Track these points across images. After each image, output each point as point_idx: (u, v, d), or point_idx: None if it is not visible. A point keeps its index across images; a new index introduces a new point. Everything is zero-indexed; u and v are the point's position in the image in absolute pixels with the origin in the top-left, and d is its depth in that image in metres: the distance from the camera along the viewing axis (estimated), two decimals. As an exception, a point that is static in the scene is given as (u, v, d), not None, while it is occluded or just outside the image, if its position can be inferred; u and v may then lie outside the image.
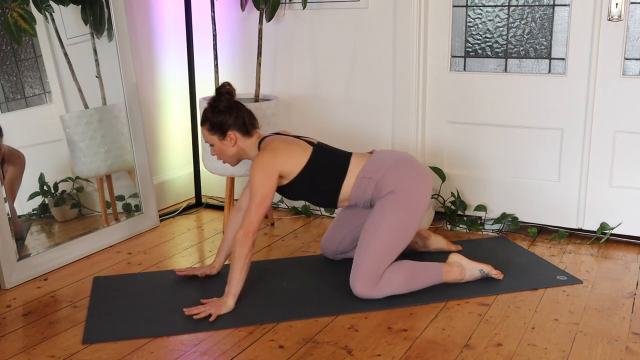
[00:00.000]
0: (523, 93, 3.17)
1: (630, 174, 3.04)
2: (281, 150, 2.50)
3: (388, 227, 2.45)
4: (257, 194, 2.42)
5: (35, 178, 2.88)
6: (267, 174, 2.44)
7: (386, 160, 2.54)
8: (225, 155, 2.62)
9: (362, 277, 2.43)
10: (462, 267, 2.57)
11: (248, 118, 2.60)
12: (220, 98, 2.56)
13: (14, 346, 2.18)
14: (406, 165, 2.54)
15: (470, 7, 3.21)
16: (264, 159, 2.45)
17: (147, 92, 3.59)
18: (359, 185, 2.52)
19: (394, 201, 2.46)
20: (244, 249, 2.38)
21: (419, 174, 2.54)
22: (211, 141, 2.59)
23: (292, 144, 2.55)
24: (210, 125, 2.57)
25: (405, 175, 2.50)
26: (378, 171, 2.51)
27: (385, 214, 2.46)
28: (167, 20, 3.69)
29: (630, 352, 2.09)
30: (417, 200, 2.50)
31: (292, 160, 2.51)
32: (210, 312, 2.33)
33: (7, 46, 2.79)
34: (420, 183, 2.52)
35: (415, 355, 2.09)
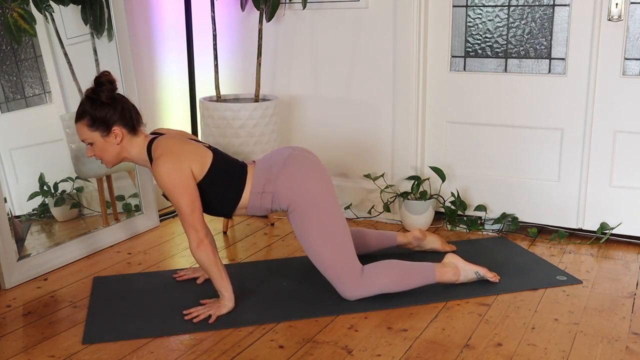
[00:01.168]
0: (523, 93, 3.17)
1: (630, 174, 3.04)
2: (182, 149, 2.29)
3: (317, 242, 2.37)
4: (184, 202, 2.24)
5: (35, 178, 2.88)
6: (181, 176, 2.24)
7: (271, 168, 2.39)
8: (107, 154, 2.34)
9: (340, 285, 2.41)
10: (457, 268, 2.55)
11: (134, 113, 2.35)
12: (101, 88, 2.27)
13: (14, 346, 2.18)
14: (292, 167, 2.38)
15: (470, 7, 3.21)
16: (172, 163, 2.23)
17: (147, 92, 3.59)
18: (255, 200, 2.39)
19: (300, 217, 2.37)
20: (208, 256, 2.29)
21: (307, 172, 2.39)
22: (91, 139, 2.30)
23: (189, 144, 2.35)
24: (91, 119, 2.27)
25: (295, 182, 2.36)
26: (269, 183, 2.38)
27: (305, 232, 2.37)
28: (167, 20, 3.69)
29: (630, 352, 2.09)
30: (318, 200, 2.36)
31: (197, 161, 2.31)
32: (210, 312, 2.33)
33: (7, 46, 2.79)
34: (312, 180, 2.37)
35: (415, 355, 2.09)
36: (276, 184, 2.38)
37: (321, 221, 2.37)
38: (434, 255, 2.88)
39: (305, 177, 2.38)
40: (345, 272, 2.40)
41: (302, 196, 2.36)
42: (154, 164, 2.27)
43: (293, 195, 2.36)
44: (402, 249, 2.94)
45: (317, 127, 3.57)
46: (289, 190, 2.37)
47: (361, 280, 2.41)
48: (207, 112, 3.23)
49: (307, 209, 2.37)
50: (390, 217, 3.45)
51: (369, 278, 2.41)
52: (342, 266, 2.39)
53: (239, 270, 2.78)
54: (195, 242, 2.28)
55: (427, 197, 3.28)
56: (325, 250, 2.38)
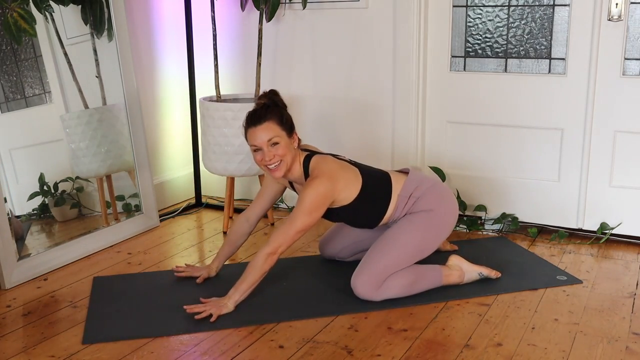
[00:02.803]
0: (523, 93, 3.17)
1: (630, 174, 3.04)
2: (340, 177, 2.38)
3: (411, 241, 2.46)
4: (301, 221, 2.30)
5: (35, 178, 2.88)
6: (322, 203, 2.32)
7: (426, 181, 2.56)
8: (289, 155, 2.36)
9: (366, 280, 2.42)
10: (462, 270, 2.58)
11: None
12: (276, 98, 2.37)
13: (14, 346, 2.18)
14: (443, 189, 2.59)
15: (470, 7, 3.21)
16: (324, 187, 2.31)
17: (147, 92, 3.59)
18: (400, 203, 2.51)
19: (428, 219, 2.49)
20: (266, 266, 2.35)
21: (453, 202, 2.59)
22: (279, 137, 2.31)
23: (346, 170, 2.44)
24: (280, 117, 2.31)
25: (443, 199, 2.54)
26: (419, 189, 2.52)
27: (414, 227, 2.47)
28: (167, 20, 3.69)
29: (630, 352, 2.09)
30: (445, 225, 2.54)
31: (347, 189, 2.42)
32: (211, 312, 2.33)
33: (7, 46, 2.79)
34: (454, 210, 2.58)
35: (415, 355, 2.09)
36: (425, 192, 2.51)
37: (428, 239, 2.50)
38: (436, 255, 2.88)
39: (452, 204, 2.57)
40: (380, 275, 2.42)
41: (442, 213, 2.51)
42: (314, 178, 2.33)
43: (437, 204, 2.50)
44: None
45: (317, 127, 3.57)
46: (436, 202, 2.50)
47: (378, 288, 2.43)
48: (207, 112, 3.23)
49: (435, 222, 2.50)
50: (390, 217, 3.45)
51: (385, 285, 2.44)
52: (386, 272, 2.43)
53: (239, 270, 2.77)
54: (272, 249, 2.33)
55: (427, 197, 3.28)
56: (400, 254, 2.44)
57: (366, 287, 2.42)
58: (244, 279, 2.37)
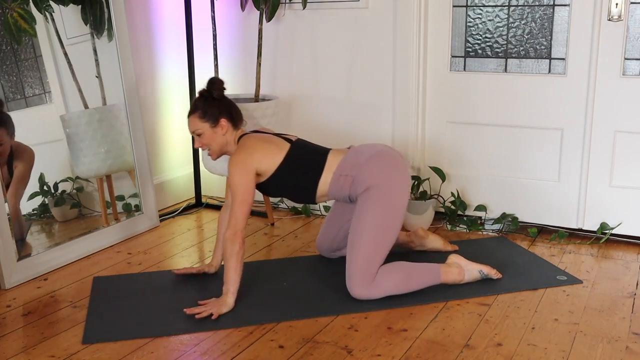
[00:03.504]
0: (523, 93, 3.17)
1: (630, 174, 3.04)
2: (257, 148, 2.50)
3: (371, 227, 2.44)
4: (238, 192, 2.42)
5: (35, 178, 2.88)
6: (243, 172, 2.44)
7: (362, 155, 2.52)
8: (214, 144, 2.58)
9: (356, 279, 2.42)
10: (461, 268, 2.57)
11: (237, 111, 2.62)
12: (213, 87, 2.57)
13: (14, 346, 2.18)
14: (382, 159, 2.51)
15: (470, 7, 3.21)
16: (240, 158, 2.46)
17: (147, 92, 3.59)
18: (336, 182, 2.52)
19: (372, 199, 2.45)
20: (235, 246, 2.38)
21: (395, 168, 2.51)
22: (201, 129, 2.55)
23: (268, 142, 2.54)
24: (202, 112, 2.55)
25: (381, 171, 2.48)
26: (354, 167, 2.49)
27: (365, 213, 2.46)
28: (167, 20, 3.69)
29: (630, 352, 2.09)
30: (395, 194, 2.47)
31: (267, 159, 2.51)
32: (211, 311, 2.33)
33: (7, 46, 2.79)
34: (397, 177, 2.49)
35: (415, 355, 2.09)
36: (361, 169, 2.48)
37: (385, 214, 2.45)
38: (435, 255, 2.88)
39: (394, 171, 2.50)
40: (367, 270, 2.42)
41: (384, 184, 2.46)
42: (231, 157, 2.49)
43: (376, 180, 2.46)
44: (404, 248, 2.94)
45: (317, 127, 3.57)
46: (373, 175, 2.47)
47: (373, 283, 2.43)
48: (207, 112, 3.23)
49: (382, 196, 2.45)
50: (390, 217, 3.45)
51: (378, 281, 2.44)
52: (369, 264, 2.42)
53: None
54: (232, 229, 2.40)
55: (427, 197, 3.28)
56: (370, 241, 2.43)
57: (359, 287, 2.42)
58: (227, 269, 2.39)
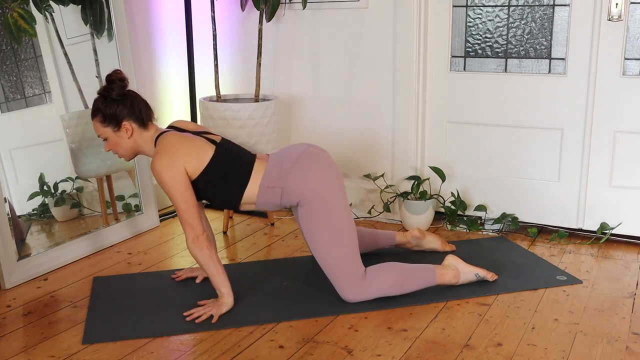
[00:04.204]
0: (523, 93, 3.17)
1: (630, 174, 3.04)
2: (178, 147, 2.34)
3: (324, 240, 2.37)
4: (177, 199, 2.31)
5: (35, 178, 2.88)
6: (173, 174, 2.30)
7: (284, 163, 2.41)
8: (120, 149, 2.45)
9: (341, 286, 2.40)
10: (458, 270, 2.55)
11: (144, 108, 2.44)
12: (112, 86, 2.38)
13: (14, 346, 2.18)
14: (305, 163, 2.40)
15: (470, 7, 3.21)
16: (164, 161, 2.31)
17: (147, 92, 3.59)
18: (264, 194, 2.40)
19: (310, 211, 2.37)
20: (204, 251, 2.32)
21: (321, 169, 2.40)
22: (104, 134, 2.42)
23: (189, 140, 2.39)
24: (102, 116, 2.39)
25: (306, 179, 2.37)
26: (280, 179, 2.39)
27: (313, 229, 2.38)
28: (167, 20, 3.69)
29: (630, 352, 2.09)
30: (330, 197, 2.37)
31: (193, 157, 2.35)
32: (211, 312, 2.33)
33: (7, 46, 2.79)
34: (325, 179, 2.39)
35: (415, 355, 2.09)
36: (287, 180, 2.38)
37: (329, 219, 2.37)
38: (433, 255, 2.88)
39: (317, 174, 2.39)
40: (348, 274, 2.39)
41: (313, 192, 2.37)
42: (151, 164, 2.35)
43: (303, 191, 2.37)
44: (401, 249, 2.94)
45: (317, 127, 3.57)
46: (299, 186, 2.37)
47: (362, 284, 2.40)
48: (207, 112, 3.23)
49: (317, 205, 2.37)
50: (391, 217, 3.45)
51: (370, 282, 2.41)
52: (346, 267, 2.39)
53: (239, 270, 2.78)
54: (191, 237, 2.33)
55: (427, 197, 3.28)
56: (331, 249, 2.37)
57: (348, 292, 2.40)
58: (210, 275, 2.36)
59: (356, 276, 2.40)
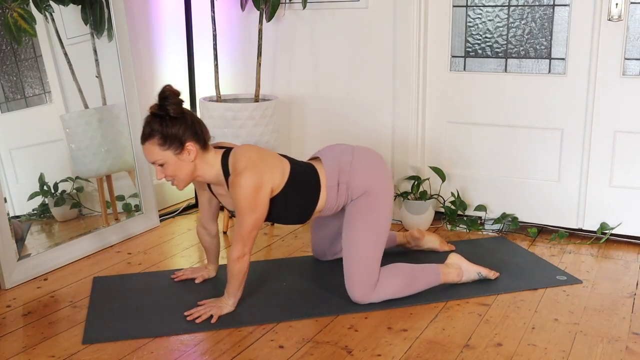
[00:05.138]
0: (523, 93, 3.17)
1: (630, 174, 3.04)
2: (262, 162, 2.22)
3: (366, 232, 2.38)
4: (248, 223, 2.19)
5: (35, 178, 2.88)
6: (257, 196, 2.17)
7: (341, 159, 2.38)
8: (182, 175, 2.19)
9: (357, 285, 2.40)
10: (461, 269, 2.56)
11: (203, 127, 2.21)
12: (167, 102, 2.11)
13: (14, 346, 2.18)
14: (367, 159, 2.42)
15: (470, 7, 3.21)
16: (251, 180, 2.15)
17: (147, 92, 3.59)
18: (331, 193, 2.38)
19: (366, 204, 2.38)
20: (241, 269, 2.30)
21: (381, 167, 2.44)
22: (163, 159, 2.14)
23: (268, 154, 2.31)
24: (161, 137, 2.11)
25: (370, 173, 2.39)
26: (342, 173, 2.37)
27: (359, 219, 2.38)
28: (167, 20, 3.69)
29: (630, 352, 2.09)
30: (386, 196, 2.42)
31: (275, 173, 2.26)
32: (211, 313, 2.33)
33: (7, 46, 2.79)
34: (385, 178, 2.43)
35: (415, 355, 2.09)
36: (351, 173, 2.36)
37: (378, 220, 2.39)
38: (433, 255, 2.88)
39: (381, 172, 2.42)
40: (365, 275, 2.38)
41: (376, 189, 2.37)
42: (236, 177, 2.16)
43: (369, 181, 2.36)
44: (402, 249, 2.94)
45: (317, 127, 3.57)
46: (365, 177, 2.37)
47: (373, 290, 2.41)
48: (207, 112, 3.23)
49: (374, 202, 2.37)
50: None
51: (379, 287, 2.42)
52: (366, 268, 2.38)
53: (239, 270, 2.78)
54: (239, 254, 2.26)
55: (427, 197, 3.28)
56: (366, 248, 2.37)
57: (361, 293, 2.40)
58: (232, 284, 2.34)
59: (371, 280, 2.39)
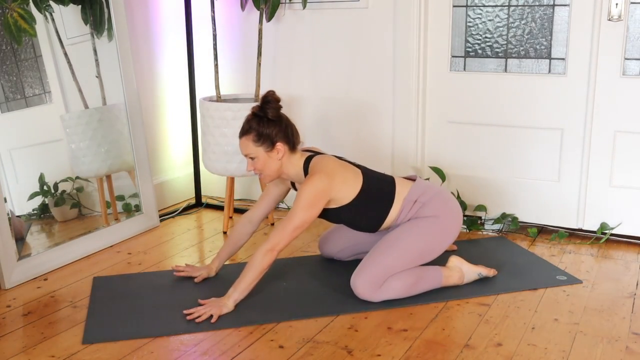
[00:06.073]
0: (523, 93, 3.17)
1: (630, 174, 3.04)
2: (337, 174, 2.42)
3: (415, 244, 2.45)
4: (299, 217, 2.35)
5: (35, 178, 2.88)
6: (319, 198, 2.36)
7: (432, 188, 2.57)
8: (268, 170, 2.46)
9: (366, 280, 2.41)
10: (462, 272, 2.57)
11: (294, 132, 2.48)
12: (268, 106, 2.41)
13: (14, 346, 2.18)
14: (449, 198, 2.58)
15: (470, 7, 3.21)
16: (321, 183, 2.36)
17: (147, 92, 3.59)
18: (404, 207, 2.51)
19: (434, 224, 2.48)
20: (264, 263, 2.36)
21: (458, 211, 2.57)
22: (255, 153, 2.43)
23: (346, 169, 2.48)
24: (257, 135, 2.41)
25: (449, 206, 2.53)
26: (425, 195, 2.52)
27: (419, 231, 2.47)
28: (167, 20, 3.69)
29: (630, 352, 2.09)
30: (452, 232, 2.53)
31: (346, 187, 2.44)
32: (211, 312, 2.33)
33: (7, 46, 2.79)
34: (458, 218, 2.56)
35: (415, 355, 2.09)
36: (431, 198, 2.52)
37: (432, 244, 2.49)
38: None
39: (457, 213, 2.56)
40: (380, 276, 2.42)
41: (448, 220, 2.50)
42: (310, 177, 2.38)
43: (441, 210, 2.50)
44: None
45: (317, 127, 3.57)
46: (442, 208, 2.51)
47: (378, 289, 2.43)
48: (207, 112, 3.23)
49: (441, 227, 2.49)
50: (390, 217, 3.45)
51: (384, 287, 2.43)
52: (387, 273, 2.42)
53: (239, 270, 2.77)
54: (270, 246, 2.36)
55: (427, 197, 3.28)
56: (402, 257, 2.43)
57: (366, 287, 2.42)
58: (243, 277, 2.38)
59: (382, 281, 2.43)
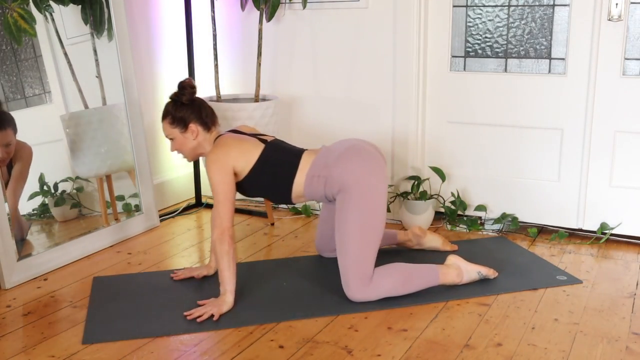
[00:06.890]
0: (523, 93, 3.17)
1: (630, 174, 3.04)
2: (232, 146, 2.52)
3: (352, 229, 2.41)
4: (219, 192, 2.45)
5: (35, 178, 2.88)
6: (221, 170, 2.46)
7: (333, 154, 2.50)
8: (185, 149, 2.62)
9: (351, 283, 2.41)
10: (460, 269, 2.56)
11: (209, 113, 2.62)
12: (182, 92, 2.58)
13: (14, 346, 2.18)
14: (353, 156, 2.47)
15: (470, 7, 3.21)
16: (216, 156, 2.49)
17: (147, 92, 3.59)
18: (310, 184, 2.51)
19: (348, 201, 2.42)
20: (224, 246, 2.40)
21: (368, 163, 2.46)
22: (172, 135, 2.60)
23: (243, 141, 2.56)
24: (172, 118, 2.58)
25: (353, 168, 2.43)
26: (325, 167, 2.48)
27: (345, 217, 2.43)
28: (167, 20, 3.69)
29: (630, 352, 2.09)
30: (371, 192, 2.43)
31: (243, 157, 2.52)
32: (212, 312, 2.33)
33: (7, 46, 2.79)
34: (370, 173, 2.45)
35: (415, 355, 2.09)
36: (332, 169, 2.47)
37: (363, 213, 2.42)
38: (435, 255, 2.88)
39: (362, 165, 2.46)
40: (359, 272, 2.40)
41: (354, 181, 2.43)
42: (207, 157, 2.53)
43: (344, 178, 2.44)
44: (403, 248, 2.94)
45: (317, 127, 3.57)
46: (342, 174, 2.45)
47: (369, 284, 2.42)
48: (207, 112, 3.23)
49: (355, 195, 2.43)
50: (391, 217, 3.45)
51: (375, 283, 2.43)
52: (360, 266, 2.41)
53: (239, 270, 2.78)
54: (218, 230, 2.42)
55: (427, 197, 3.28)
56: (355, 242, 2.41)
57: (356, 290, 2.41)
58: (220, 269, 2.41)
59: (366, 276, 2.41)
